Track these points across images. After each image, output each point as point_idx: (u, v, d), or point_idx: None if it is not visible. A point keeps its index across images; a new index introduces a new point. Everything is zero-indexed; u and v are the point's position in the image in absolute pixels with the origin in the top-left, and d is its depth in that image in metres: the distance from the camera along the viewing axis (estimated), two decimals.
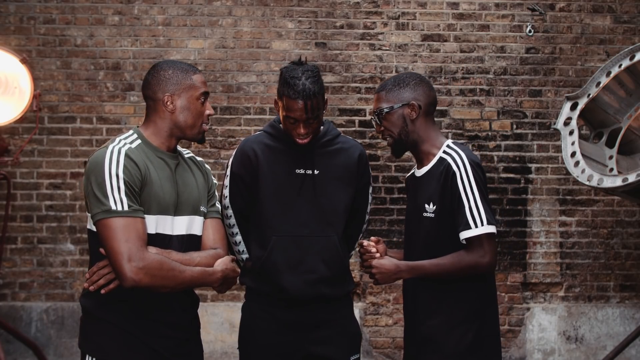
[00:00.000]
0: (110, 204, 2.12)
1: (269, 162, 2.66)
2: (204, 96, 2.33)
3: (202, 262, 2.27)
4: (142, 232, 2.14)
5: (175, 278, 2.16)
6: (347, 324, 2.78)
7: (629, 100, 3.95)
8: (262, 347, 2.69)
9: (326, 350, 2.69)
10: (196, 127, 2.33)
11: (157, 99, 2.29)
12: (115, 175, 2.14)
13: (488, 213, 2.39)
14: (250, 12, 4.86)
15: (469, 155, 2.46)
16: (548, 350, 4.86)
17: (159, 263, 2.12)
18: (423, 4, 4.89)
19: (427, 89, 2.58)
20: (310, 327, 2.69)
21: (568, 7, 4.93)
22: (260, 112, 4.83)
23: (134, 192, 2.16)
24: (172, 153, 2.35)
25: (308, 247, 2.58)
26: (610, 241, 4.90)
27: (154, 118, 2.32)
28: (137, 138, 2.29)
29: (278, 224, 2.64)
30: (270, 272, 2.66)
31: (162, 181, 2.25)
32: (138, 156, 2.21)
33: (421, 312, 2.51)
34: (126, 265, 2.08)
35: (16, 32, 4.79)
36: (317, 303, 2.69)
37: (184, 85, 2.30)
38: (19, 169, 4.74)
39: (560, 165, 4.83)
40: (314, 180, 2.66)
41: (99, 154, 2.20)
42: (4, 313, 4.66)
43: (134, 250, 2.09)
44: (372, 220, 4.80)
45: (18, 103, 3.89)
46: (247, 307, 2.79)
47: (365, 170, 2.80)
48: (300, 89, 2.51)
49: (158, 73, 2.31)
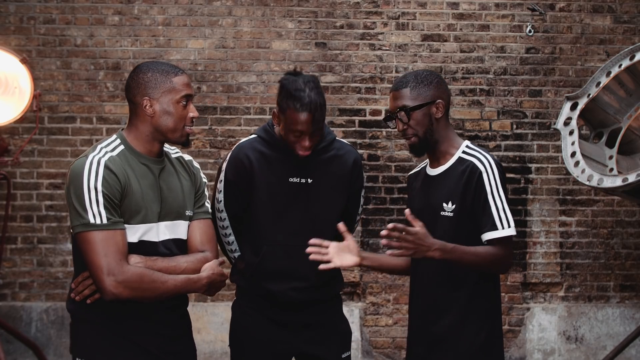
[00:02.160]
0: (88, 217, 2.10)
1: (262, 170, 2.63)
2: (185, 99, 2.27)
3: (189, 268, 2.25)
4: (121, 244, 2.13)
5: (156, 289, 2.15)
6: (337, 323, 2.80)
7: (629, 100, 3.95)
8: (253, 345, 2.71)
9: (317, 349, 2.71)
10: (178, 130, 2.27)
11: (136, 102, 2.25)
12: (94, 188, 2.11)
13: (510, 214, 2.41)
14: (250, 12, 4.85)
15: (493, 157, 2.46)
16: (548, 350, 4.86)
17: (139, 276, 2.11)
18: (423, 4, 4.89)
19: (446, 87, 2.56)
20: (301, 326, 2.70)
21: (568, 7, 4.92)
22: (260, 112, 4.82)
23: (113, 203, 2.14)
24: (157, 157, 2.30)
25: (299, 256, 2.56)
26: (610, 241, 4.90)
27: (135, 122, 2.27)
28: (120, 144, 2.25)
29: (270, 233, 2.64)
30: (261, 279, 2.67)
31: (143, 189, 2.22)
32: (119, 166, 2.18)
33: (432, 311, 2.50)
34: (106, 279, 2.08)
35: (16, 32, 4.79)
36: (307, 305, 2.70)
37: (164, 88, 2.24)
38: (19, 169, 4.74)
39: (560, 165, 4.83)
40: (308, 189, 2.64)
41: (79, 164, 2.16)
42: (4, 313, 4.66)
43: (113, 264, 2.09)
44: (372, 220, 4.80)
45: (18, 103, 3.89)
46: (237, 305, 2.80)
47: (359, 176, 2.78)
48: (307, 102, 2.47)
49: (137, 76, 2.26)
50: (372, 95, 4.86)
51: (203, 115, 4.81)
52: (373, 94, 4.87)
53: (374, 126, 4.86)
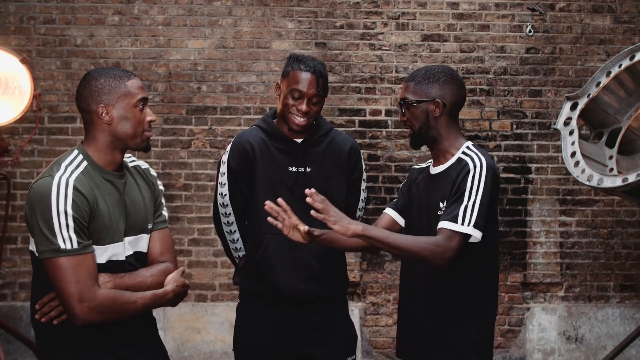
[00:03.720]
0: (58, 242, 2.01)
1: (264, 157, 2.68)
2: (142, 102, 2.19)
3: (154, 282, 2.22)
4: (92, 268, 2.06)
5: (127, 311, 2.12)
6: (343, 326, 2.79)
7: (629, 100, 3.94)
8: (257, 348, 2.70)
9: (322, 352, 2.70)
10: (138, 136, 2.20)
11: (91, 111, 2.17)
12: (64, 212, 2.01)
13: (481, 218, 2.32)
14: (250, 12, 4.85)
15: (488, 160, 2.42)
16: (548, 350, 4.86)
17: (111, 300, 2.07)
18: (423, 4, 4.89)
19: (457, 87, 2.52)
20: (306, 329, 2.69)
21: (568, 7, 4.92)
22: (260, 112, 4.82)
23: (83, 226, 2.06)
24: (119, 172, 2.23)
25: (301, 245, 2.56)
26: (610, 241, 4.90)
27: (93, 132, 2.19)
28: (82, 159, 2.16)
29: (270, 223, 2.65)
30: (264, 270, 2.66)
31: (110, 208, 2.15)
32: (86, 186, 2.09)
33: (423, 310, 2.49)
34: (77, 306, 2.02)
35: (16, 32, 4.79)
36: (312, 304, 2.69)
37: (118, 93, 2.16)
38: (19, 169, 4.74)
39: (560, 165, 4.83)
40: (306, 177, 2.67)
41: (44, 184, 2.05)
42: (4, 313, 4.66)
43: (85, 291, 2.03)
44: (372, 221, 4.77)
45: (18, 103, 3.89)
46: (241, 308, 2.80)
47: (356, 165, 2.80)
48: (311, 64, 2.62)
49: (89, 83, 2.18)
50: (372, 95, 4.87)
51: (203, 115, 4.81)
52: (373, 94, 4.87)
53: (374, 126, 4.86)
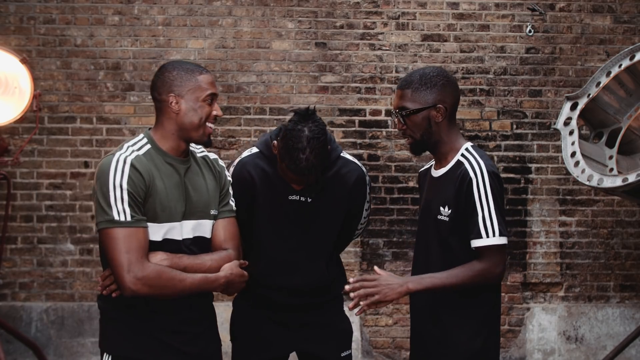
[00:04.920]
0: (113, 213, 2.16)
1: (264, 187, 2.63)
2: (210, 97, 2.32)
3: (214, 266, 2.31)
4: (143, 242, 2.18)
5: (174, 287, 2.20)
6: (337, 322, 2.80)
7: (629, 100, 3.94)
8: (252, 340, 2.73)
9: (316, 347, 2.72)
10: (201, 128, 2.32)
11: (162, 100, 2.31)
12: (119, 186, 2.17)
13: (501, 224, 2.34)
14: (250, 12, 4.85)
15: (487, 163, 2.40)
16: (548, 350, 4.86)
17: (157, 273, 2.17)
18: (423, 4, 4.89)
19: (453, 89, 2.49)
20: (300, 325, 2.72)
21: (568, 7, 4.92)
22: (260, 112, 4.83)
23: (137, 202, 2.19)
24: (183, 157, 2.35)
25: (296, 272, 2.60)
26: (610, 241, 4.90)
27: (161, 120, 2.33)
28: (146, 143, 2.31)
29: (269, 249, 2.66)
30: (259, 289, 2.69)
31: (168, 189, 2.27)
32: (144, 165, 2.23)
33: (431, 314, 2.49)
34: (126, 275, 2.14)
35: (16, 32, 4.79)
36: (306, 309, 2.72)
37: (189, 86, 2.29)
38: (19, 169, 4.74)
39: (560, 165, 4.83)
40: (307, 207, 2.63)
41: (106, 162, 2.22)
42: (4, 313, 4.66)
43: (133, 261, 2.14)
44: (372, 221, 4.79)
45: (18, 103, 3.89)
46: (237, 302, 2.83)
47: (359, 193, 2.73)
48: (303, 166, 2.41)
49: (163, 74, 2.32)
50: (372, 95, 4.86)
51: None
52: (373, 94, 4.87)
53: (374, 126, 4.86)
